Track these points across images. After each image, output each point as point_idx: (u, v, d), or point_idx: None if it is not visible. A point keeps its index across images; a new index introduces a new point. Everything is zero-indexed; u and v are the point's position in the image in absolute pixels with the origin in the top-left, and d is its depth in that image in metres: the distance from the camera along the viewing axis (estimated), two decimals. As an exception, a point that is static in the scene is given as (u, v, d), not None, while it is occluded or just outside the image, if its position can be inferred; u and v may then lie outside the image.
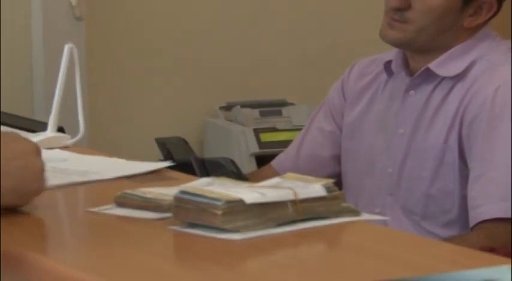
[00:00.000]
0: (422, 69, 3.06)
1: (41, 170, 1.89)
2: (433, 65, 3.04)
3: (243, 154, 3.93)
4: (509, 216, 2.80)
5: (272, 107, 4.13)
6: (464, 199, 2.95)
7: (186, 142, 2.98)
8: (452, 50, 3.06)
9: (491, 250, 2.61)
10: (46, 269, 1.67)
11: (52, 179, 2.10)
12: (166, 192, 1.91)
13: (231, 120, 4.17)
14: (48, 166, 2.23)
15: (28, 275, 1.71)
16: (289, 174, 2.02)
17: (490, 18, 3.10)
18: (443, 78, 3.04)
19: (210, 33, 4.26)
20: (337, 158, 3.23)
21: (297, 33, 4.12)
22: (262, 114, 4.12)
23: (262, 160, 3.55)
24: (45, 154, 2.32)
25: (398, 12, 3.03)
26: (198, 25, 4.23)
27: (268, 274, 1.71)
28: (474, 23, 3.07)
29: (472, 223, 2.86)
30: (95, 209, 1.91)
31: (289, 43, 4.18)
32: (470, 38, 3.09)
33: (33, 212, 1.94)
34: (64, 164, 2.26)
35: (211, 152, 3.94)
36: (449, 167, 2.99)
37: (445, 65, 3.05)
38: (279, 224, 1.83)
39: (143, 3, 4.18)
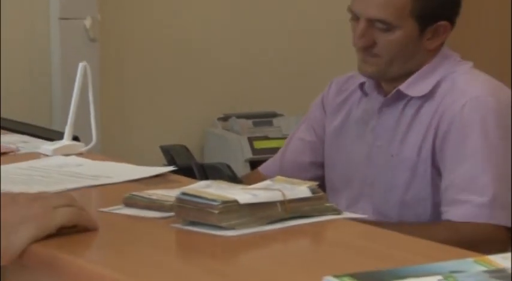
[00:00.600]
0: (393, 91, 3.05)
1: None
2: (403, 87, 3.02)
3: (239, 159, 3.93)
4: (476, 220, 2.82)
5: (264, 118, 4.14)
6: (435, 205, 2.96)
7: (187, 149, 2.97)
8: (419, 72, 3.04)
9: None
10: (66, 265, 1.67)
11: (68, 182, 2.11)
12: (169, 194, 1.91)
13: (227, 130, 4.18)
14: (65, 170, 2.24)
15: (49, 268, 1.70)
16: (279, 177, 2.02)
17: (447, 37, 3.08)
18: (413, 97, 3.02)
19: (210, 54, 4.26)
20: (317, 164, 3.23)
21: (287, 53, 4.12)
22: (255, 124, 4.13)
23: (256, 165, 3.55)
24: (62, 160, 2.36)
25: (368, 49, 3.01)
26: (199, 48, 4.24)
27: (259, 266, 1.71)
28: (434, 45, 3.04)
29: (443, 218, 2.87)
30: (106, 209, 1.91)
31: (280, 61, 4.18)
32: (434, 60, 3.06)
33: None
34: (78, 169, 2.25)
35: (210, 158, 3.95)
36: (421, 177, 2.98)
37: (413, 86, 3.02)
38: (269, 222, 1.82)
39: (149, 28, 4.18)
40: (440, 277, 1.47)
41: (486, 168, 2.89)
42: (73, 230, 1.74)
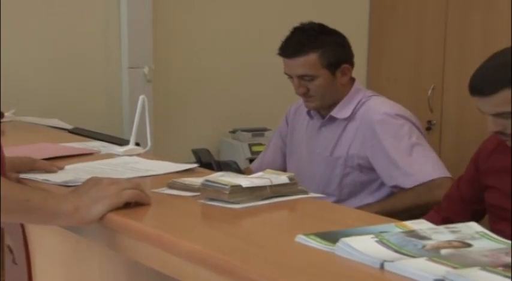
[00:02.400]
0: (328, 115, 3.02)
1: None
2: (333, 113, 3.00)
3: (242, 158, 3.93)
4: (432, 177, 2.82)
5: (258, 131, 4.13)
6: (363, 184, 2.99)
7: (209, 151, 2.95)
8: (342, 101, 3.00)
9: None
10: (130, 226, 1.68)
11: (129, 173, 2.11)
12: (197, 180, 1.90)
13: (235, 139, 4.15)
14: (129, 165, 2.23)
15: (119, 229, 1.71)
16: (268, 170, 2.00)
17: (351, 73, 3.06)
18: (340, 119, 2.99)
19: (224, 88, 4.22)
20: (285, 161, 3.25)
21: (274, 88, 4.08)
22: (253, 135, 4.12)
23: (251, 162, 3.58)
24: (128, 158, 2.35)
25: (305, 94, 2.98)
26: (217, 83, 4.21)
27: (254, 228, 1.73)
28: (345, 80, 3.00)
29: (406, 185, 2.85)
30: (156, 190, 1.89)
31: (268, 94, 4.16)
32: (350, 93, 3.02)
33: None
34: (137, 165, 2.24)
35: (224, 157, 3.94)
36: (352, 167, 2.96)
37: (340, 111, 2.99)
38: (261, 199, 1.81)
39: (182, 72, 4.15)
40: (373, 235, 1.47)
41: (411, 153, 2.88)
42: (135, 204, 1.75)
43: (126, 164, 2.24)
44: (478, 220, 2.45)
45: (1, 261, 2.45)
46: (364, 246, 1.41)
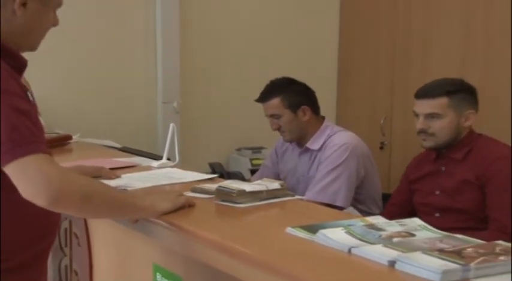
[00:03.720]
0: (304, 146, 2.91)
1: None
2: (308, 144, 2.88)
3: (245, 169, 3.87)
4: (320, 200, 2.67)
5: (257, 149, 4.08)
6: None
7: (221, 164, 2.95)
8: (314, 136, 2.88)
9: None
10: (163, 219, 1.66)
11: (165, 181, 2.10)
12: (213, 186, 1.88)
13: (240, 155, 4.10)
14: (163, 175, 2.20)
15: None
16: (265, 179, 2.00)
17: (315, 111, 2.92)
18: (313, 150, 2.88)
19: (232, 116, 4.18)
20: (276, 178, 2.95)
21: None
22: (253, 152, 4.07)
23: (253, 172, 3.52)
24: (162, 170, 2.32)
25: (279, 129, 2.90)
26: (224, 112, 4.17)
27: (254, 221, 1.71)
28: (306, 118, 2.87)
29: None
30: (184, 193, 1.86)
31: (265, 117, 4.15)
32: (320, 129, 2.90)
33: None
34: (172, 174, 2.22)
35: (232, 169, 3.86)
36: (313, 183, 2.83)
37: (312, 143, 2.88)
38: (260, 200, 1.80)
39: (200, 105, 4.13)
40: (342, 228, 1.46)
41: (335, 179, 2.74)
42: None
43: (165, 174, 2.21)
44: (416, 214, 2.53)
45: (71, 244, 2.44)
46: (336, 236, 1.41)
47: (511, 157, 2.40)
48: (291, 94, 2.86)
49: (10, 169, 1.36)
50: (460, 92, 2.45)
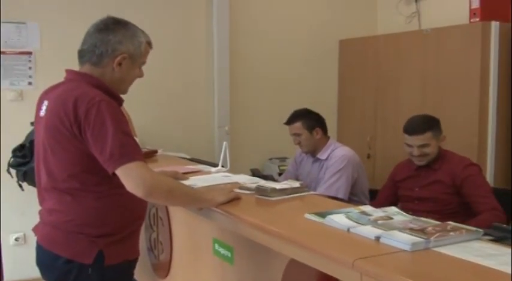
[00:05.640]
0: (315, 157, 2.83)
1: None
2: (318, 155, 2.81)
3: (275, 173, 3.75)
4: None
5: (283, 159, 3.98)
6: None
7: (258, 170, 2.93)
8: (323, 149, 2.80)
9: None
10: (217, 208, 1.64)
11: (219, 181, 2.06)
12: (253, 185, 1.85)
13: (271, 163, 4.00)
14: (220, 177, 2.16)
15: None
16: (289, 180, 1.97)
17: (324, 132, 2.79)
18: (322, 159, 2.80)
19: (264, 134, 4.07)
20: (297, 179, 2.85)
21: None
22: (280, 161, 3.97)
23: (280, 175, 3.43)
24: (219, 174, 2.28)
25: (299, 144, 2.82)
26: (259, 132, 4.07)
27: (282, 210, 1.66)
28: (319, 136, 2.80)
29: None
30: (234, 190, 1.83)
31: (289, 135, 4.04)
32: (327, 144, 2.78)
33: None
34: (223, 177, 2.18)
35: (265, 173, 3.72)
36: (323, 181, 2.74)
37: (321, 154, 2.80)
38: (286, 195, 1.77)
39: (245, 124, 4.03)
40: (343, 214, 1.44)
41: (331, 178, 2.64)
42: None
43: (222, 177, 2.18)
44: (396, 204, 2.54)
45: (157, 224, 2.46)
46: (339, 219, 1.40)
47: (474, 164, 2.46)
48: (309, 119, 2.85)
49: (119, 172, 1.41)
50: (435, 125, 2.51)
